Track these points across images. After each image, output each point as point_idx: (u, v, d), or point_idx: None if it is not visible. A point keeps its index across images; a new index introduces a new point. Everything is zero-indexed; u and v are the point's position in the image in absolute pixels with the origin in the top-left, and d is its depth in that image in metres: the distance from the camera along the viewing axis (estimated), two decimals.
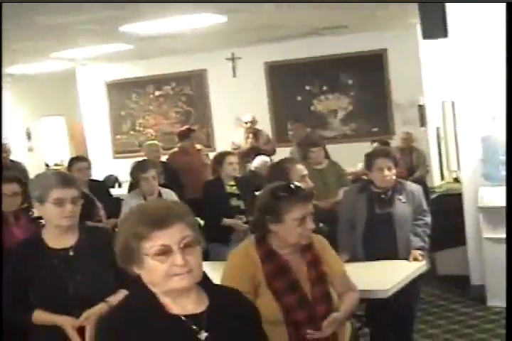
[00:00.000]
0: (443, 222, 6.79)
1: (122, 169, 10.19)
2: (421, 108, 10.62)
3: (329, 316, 3.29)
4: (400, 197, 5.18)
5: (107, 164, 12.58)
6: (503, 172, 6.27)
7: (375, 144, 9.12)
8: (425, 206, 5.33)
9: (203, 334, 2.25)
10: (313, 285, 3.34)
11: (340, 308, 3.41)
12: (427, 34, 6.81)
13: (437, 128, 10.21)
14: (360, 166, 8.35)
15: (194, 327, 2.25)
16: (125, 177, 9.07)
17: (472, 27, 6.52)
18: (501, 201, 6.22)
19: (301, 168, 5.23)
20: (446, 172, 10.06)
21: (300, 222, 3.31)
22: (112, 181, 11.83)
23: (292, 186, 3.46)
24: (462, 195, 6.89)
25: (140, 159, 7.45)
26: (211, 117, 12.54)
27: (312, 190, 4.00)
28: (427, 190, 8.25)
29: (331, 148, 8.25)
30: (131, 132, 13.19)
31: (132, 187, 6.93)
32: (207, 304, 2.32)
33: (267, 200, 3.38)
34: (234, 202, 6.51)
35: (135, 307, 2.28)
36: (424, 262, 5.00)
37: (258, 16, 8.61)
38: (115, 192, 8.97)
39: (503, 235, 6.26)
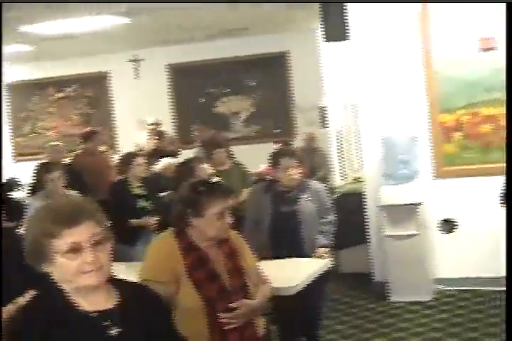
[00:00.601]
0: (346, 221, 6.93)
1: (23, 172, 9.97)
2: (322, 109, 10.78)
3: (240, 301, 3.37)
4: (305, 195, 5.26)
5: (8, 167, 12.27)
6: (402, 172, 6.46)
7: (278, 145, 9.20)
8: (329, 204, 5.44)
9: (114, 330, 2.25)
10: (232, 276, 3.42)
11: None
12: (329, 37, 6.93)
13: (339, 130, 10.38)
14: (263, 167, 8.46)
15: (105, 323, 2.25)
16: (26, 180, 8.88)
17: (373, 29, 6.67)
18: (401, 199, 6.42)
19: (206, 167, 5.26)
20: (347, 173, 10.24)
21: (219, 216, 3.38)
22: (12, 184, 11.54)
23: (213, 181, 3.53)
24: (364, 194, 7.04)
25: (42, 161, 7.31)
26: (114, 119, 12.43)
27: (231, 186, 4.05)
28: (330, 190, 8.39)
29: (234, 149, 8.30)
30: (32, 134, 12.93)
31: (35, 189, 6.78)
32: (117, 300, 2.32)
33: (188, 195, 3.43)
34: (141, 203, 6.49)
35: (45, 306, 2.25)
36: (328, 259, 5.09)
37: (161, 18, 8.59)
38: (17, 195, 8.76)
39: (404, 232, 6.47)
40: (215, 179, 3.72)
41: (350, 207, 7.46)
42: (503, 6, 6.26)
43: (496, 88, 6.44)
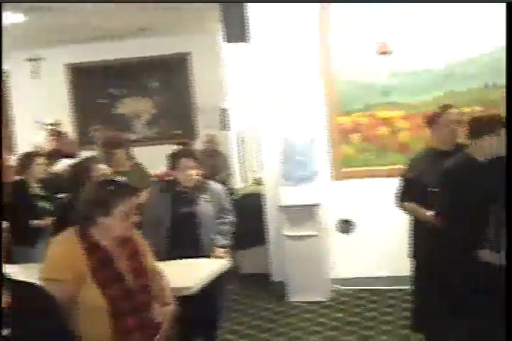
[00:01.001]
0: (246, 222, 6.96)
1: None
2: (224, 111, 10.80)
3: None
4: (204, 196, 5.26)
5: None
6: (301, 173, 6.54)
7: (178, 146, 9.16)
8: (228, 205, 5.46)
9: (6, 330, 2.20)
10: (135, 276, 3.41)
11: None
12: (229, 38, 6.96)
13: (240, 131, 10.43)
14: (163, 168, 8.38)
15: None
16: None
17: (273, 30, 6.73)
18: (300, 200, 6.49)
19: (102, 167, 5.20)
20: (248, 174, 10.29)
21: (126, 215, 3.36)
22: None
23: (120, 180, 3.50)
24: (263, 195, 7.09)
25: None
26: (11, 119, 12.11)
27: (137, 185, 4.01)
28: (231, 191, 8.42)
29: (135, 150, 8.21)
30: None
31: None
32: (7, 300, 2.27)
33: (96, 194, 3.39)
34: (41, 203, 6.37)
35: None
36: (227, 260, 5.11)
37: (62, 16, 8.44)
38: None
39: (302, 233, 6.54)
40: (120, 178, 3.67)
41: (250, 208, 7.49)
42: (403, 10, 6.44)
43: (393, 91, 6.60)
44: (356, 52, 6.64)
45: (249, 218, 7.23)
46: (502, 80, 6.34)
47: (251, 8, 6.75)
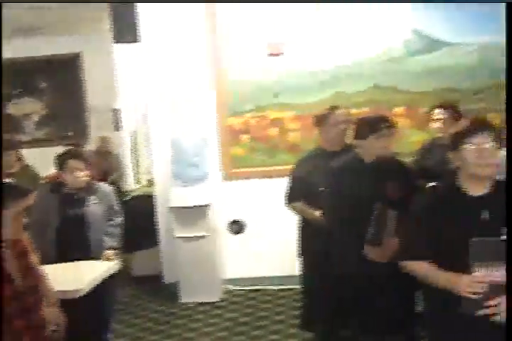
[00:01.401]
0: (138, 223, 6.92)
1: None
2: (116, 112, 10.67)
3: None
4: (93, 198, 5.19)
5: None
6: (192, 174, 6.53)
7: (68, 148, 9.00)
8: (117, 207, 5.40)
9: None
10: (24, 277, 3.37)
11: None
12: (119, 38, 6.89)
13: (133, 132, 10.33)
14: (53, 170, 8.21)
15: None
16: None
17: (163, 31, 6.70)
18: (191, 201, 6.47)
19: None
20: (141, 175, 10.21)
21: (16, 216, 3.32)
22: None
23: (9, 182, 3.44)
24: (155, 196, 7.04)
25: None
26: None
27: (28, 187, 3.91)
28: (122, 193, 8.35)
29: (25, 152, 8.00)
30: None
31: None
32: None
33: None
34: None
35: None
36: (116, 262, 5.05)
37: None
38: None
39: (194, 234, 6.53)
40: (9, 180, 3.58)
41: (142, 210, 7.43)
42: (294, 11, 6.53)
43: (283, 92, 6.68)
44: (247, 53, 6.68)
45: (141, 219, 7.19)
46: (389, 81, 6.55)
47: (140, 9, 6.69)
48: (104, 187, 5.41)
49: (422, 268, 3.22)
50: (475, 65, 6.59)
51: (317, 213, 4.81)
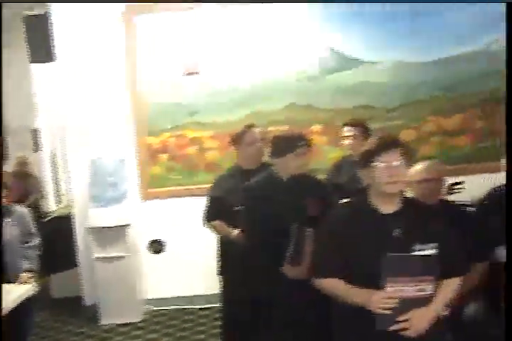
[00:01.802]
0: (57, 245, 6.82)
1: None
2: (35, 132, 10.52)
3: None
4: (8, 220, 5.10)
5: None
6: (110, 194, 6.48)
7: None
8: (33, 229, 5.32)
9: None
10: None
11: None
12: (34, 58, 6.81)
13: (52, 153, 10.19)
14: None
15: None
16: None
17: (80, 50, 6.65)
18: (109, 221, 6.42)
19: None
20: (61, 197, 10.07)
21: None
22: None
23: None
24: (74, 217, 6.95)
25: None
26: None
27: None
28: (41, 214, 8.22)
29: None
30: None
31: None
32: None
33: None
34: None
35: None
36: (33, 284, 4.96)
37: None
38: None
39: (113, 254, 6.47)
40: None
41: (61, 231, 7.33)
42: (210, 31, 6.56)
43: (201, 111, 6.69)
44: (164, 73, 6.68)
45: (60, 241, 7.09)
46: (306, 99, 6.64)
47: (56, 28, 6.63)
48: (21, 209, 5.33)
49: (334, 286, 3.24)
50: (389, 82, 6.71)
51: (235, 232, 4.83)
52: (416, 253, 3.09)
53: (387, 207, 3.23)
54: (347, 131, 5.53)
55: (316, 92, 6.70)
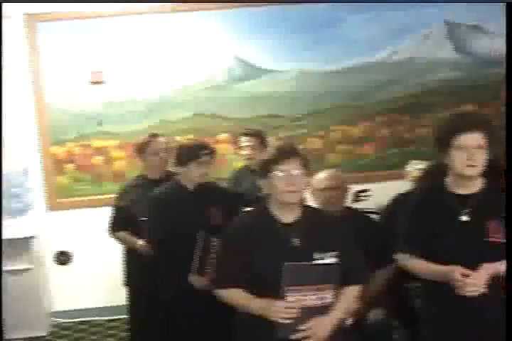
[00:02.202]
0: None
1: None
2: None
3: None
4: None
5: None
6: (15, 205, 6.35)
7: None
8: None
9: None
10: None
11: None
12: None
13: None
14: None
15: None
16: None
17: None
18: (14, 233, 6.27)
19: None
20: None
21: None
22: None
23: None
24: None
25: None
26: None
27: None
28: None
29: None
30: None
31: None
32: None
33: None
34: None
35: None
36: None
37: None
38: None
39: (18, 266, 6.32)
40: None
41: None
42: (117, 39, 6.51)
43: (107, 120, 6.62)
44: (69, 81, 6.58)
45: None
46: (213, 109, 6.66)
47: None
48: None
49: (234, 296, 3.23)
50: (295, 91, 6.79)
51: (141, 242, 4.79)
52: (316, 262, 3.12)
53: (287, 217, 3.24)
54: (244, 141, 5.55)
55: (222, 101, 6.73)
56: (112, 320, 6.60)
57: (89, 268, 6.69)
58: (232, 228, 3.34)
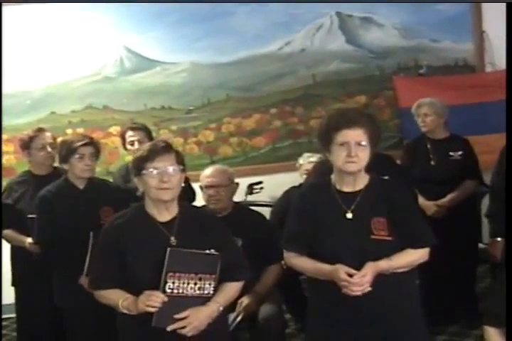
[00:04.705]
0: None
1: None
2: None
3: None
4: None
5: None
6: None
7: None
8: None
9: None
10: None
11: None
12: None
13: None
14: None
15: None
16: None
17: None
18: None
19: None
20: None
21: None
22: None
23: None
24: None
25: None
26: None
27: None
28: None
29: None
30: None
31: None
32: None
33: None
34: None
35: None
36: None
37: None
38: None
39: None
40: None
41: None
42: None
43: None
44: None
45: None
46: (103, 101, 6.54)
47: None
48: None
49: (108, 297, 3.20)
50: (187, 83, 6.74)
51: (29, 240, 4.65)
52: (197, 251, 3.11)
53: (163, 215, 3.20)
54: (130, 135, 5.36)
55: (113, 93, 6.61)
56: (3, 319, 6.42)
57: None
58: (107, 227, 3.28)
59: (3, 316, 6.35)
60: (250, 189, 6.38)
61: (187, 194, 4.61)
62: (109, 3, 6.48)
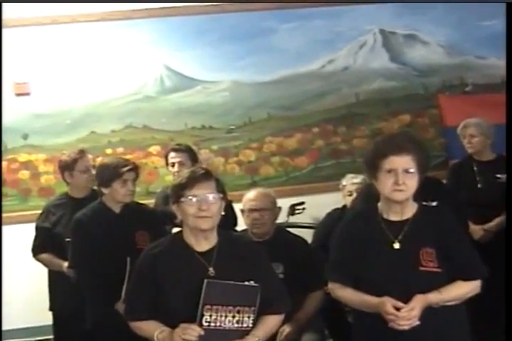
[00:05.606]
0: None
1: None
2: None
3: None
4: None
5: None
6: None
7: None
8: None
9: None
10: None
11: None
12: None
13: None
14: None
15: None
16: None
17: None
18: None
19: None
20: None
21: None
22: None
23: None
24: None
25: None
26: None
27: None
28: None
29: None
30: None
31: None
32: None
33: None
34: None
35: None
36: None
37: None
38: None
39: None
40: None
41: None
42: (42, 50, 6.30)
43: (33, 134, 6.39)
44: None
45: None
46: (143, 120, 6.49)
47: None
48: None
49: (146, 328, 3.09)
50: (228, 102, 6.67)
51: (66, 264, 4.57)
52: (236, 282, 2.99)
53: (202, 244, 3.08)
54: (172, 157, 5.28)
55: (153, 113, 6.56)
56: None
57: (15, 288, 6.42)
58: (143, 256, 3.17)
59: (44, 337, 6.32)
60: (292, 209, 6.26)
61: (229, 219, 4.51)
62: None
